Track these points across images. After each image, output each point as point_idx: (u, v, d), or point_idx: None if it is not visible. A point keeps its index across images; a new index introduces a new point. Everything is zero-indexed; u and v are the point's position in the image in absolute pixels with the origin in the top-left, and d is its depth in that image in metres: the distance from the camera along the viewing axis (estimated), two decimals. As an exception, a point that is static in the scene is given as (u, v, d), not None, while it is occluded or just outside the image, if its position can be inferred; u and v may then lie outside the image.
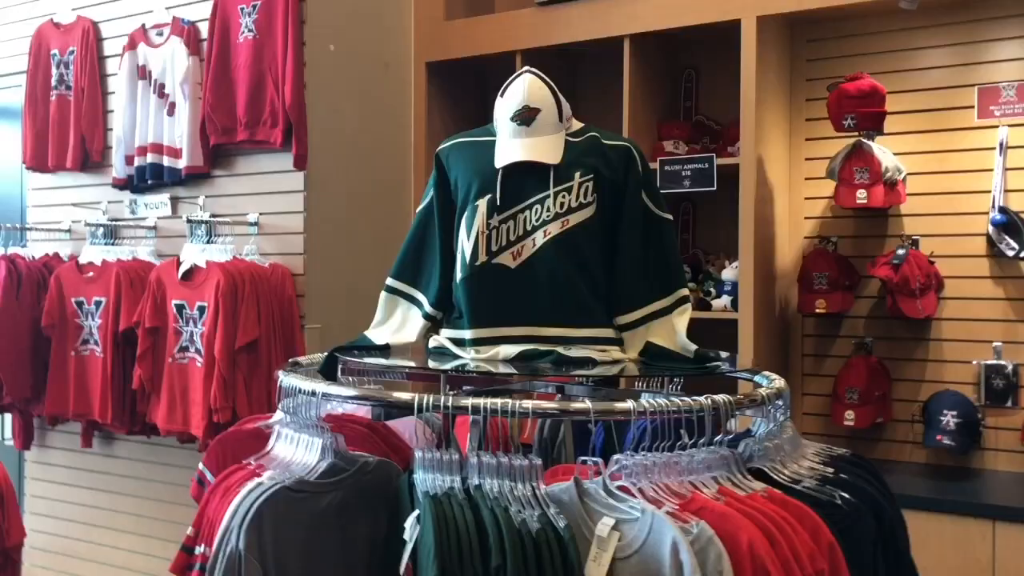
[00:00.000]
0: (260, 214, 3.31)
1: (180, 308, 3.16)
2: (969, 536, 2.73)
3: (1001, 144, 3.12)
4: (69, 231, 3.77)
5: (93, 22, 3.69)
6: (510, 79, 1.84)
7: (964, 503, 2.78)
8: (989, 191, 3.13)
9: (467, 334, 1.79)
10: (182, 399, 3.13)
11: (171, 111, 3.42)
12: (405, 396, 1.35)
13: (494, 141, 1.82)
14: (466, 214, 1.81)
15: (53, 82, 3.74)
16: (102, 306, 3.36)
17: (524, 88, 1.80)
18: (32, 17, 3.88)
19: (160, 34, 3.48)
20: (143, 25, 3.52)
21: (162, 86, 3.44)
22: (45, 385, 3.47)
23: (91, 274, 3.43)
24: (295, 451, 1.45)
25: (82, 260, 3.48)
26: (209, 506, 1.42)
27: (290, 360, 1.87)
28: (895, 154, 3.18)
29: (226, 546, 1.29)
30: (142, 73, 3.49)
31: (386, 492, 1.37)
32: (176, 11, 3.46)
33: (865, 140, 3.15)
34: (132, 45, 3.52)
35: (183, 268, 3.17)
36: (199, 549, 1.40)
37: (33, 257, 3.64)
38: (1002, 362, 3.11)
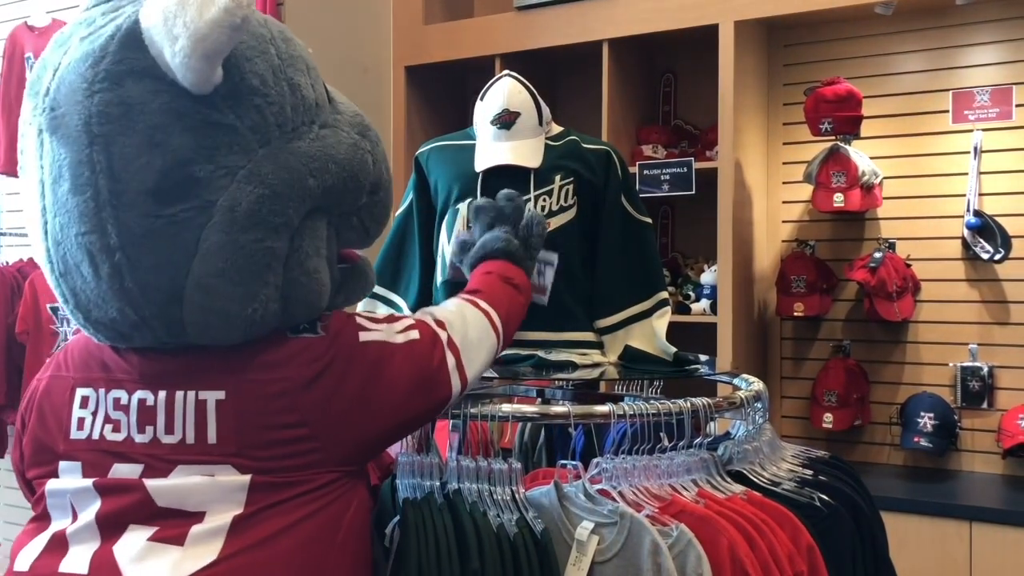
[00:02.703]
0: (238, 218, 3.28)
1: (157, 313, 3.13)
2: (946, 537, 2.75)
3: (975, 148, 3.15)
4: (44, 236, 3.72)
5: (68, 25, 3.66)
6: (490, 83, 1.85)
7: (941, 504, 2.80)
8: (964, 195, 3.16)
9: (446, 338, 1.78)
10: (159, 405, 3.09)
11: (148, 115, 3.38)
12: (384, 401, 1.35)
13: (474, 145, 1.82)
14: (447, 218, 1.81)
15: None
16: (78, 311, 3.32)
17: (504, 92, 1.80)
18: (6, 20, 3.84)
19: (136, 37, 3.44)
20: (119, 28, 3.49)
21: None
22: (20, 392, 3.43)
23: (66, 279, 3.39)
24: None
25: (57, 265, 3.44)
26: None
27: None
28: (871, 158, 3.21)
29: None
30: (118, 76, 3.46)
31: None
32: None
33: (842, 144, 3.17)
34: (108, 48, 3.49)
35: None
36: None
37: (7, 262, 3.60)
38: (978, 364, 3.14)
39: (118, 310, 1.09)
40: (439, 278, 1.81)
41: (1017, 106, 3.09)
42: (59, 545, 1.09)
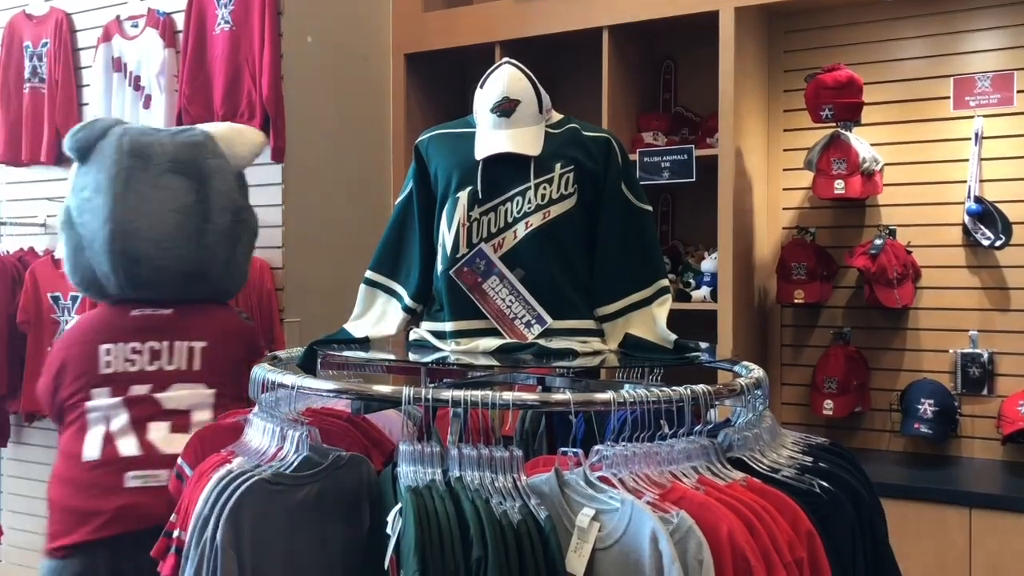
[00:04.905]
0: (238, 207, 3.28)
1: (158, 302, 3.14)
2: (946, 523, 2.76)
3: (976, 134, 3.14)
4: (44, 225, 3.72)
5: (67, 13, 3.64)
6: (490, 71, 1.84)
7: (941, 491, 2.81)
8: (965, 181, 3.16)
9: (447, 326, 1.79)
10: (161, 394, 3.10)
11: (147, 104, 3.38)
12: (385, 389, 1.35)
13: (474, 133, 1.82)
14: (447, 206, 1.80)
15: (26, 74, 3.69)
16: (79, 301, 3.33)
17: (504, 80, 1.79)
18: (4, 9, 3.83)
19: (135, 26, 3.44)
20: (118, 17, 3.48)
21: (137, 79, 3.40)
22: (21, 382, 3.43)
23: (67, 269, 3.41)
24: (270, 444, 1.44)
25: (57, 255, 3.44)
26: (188, 493, 1.43)
27: (269, 354, 1.86)
28: (872, 145, 3.20)
29: (202, 536, 1.28)
30: (117, 65, 3.45)
31: (358, 487, 1.36)
32: (151, 2, 3.42)
33: (842, 131, 3.16)
34: (107, 37, 3.48)
35: (161, 262, 3.16)
36: (175, 533, 1.41)
37: (7, 252, 3.60)
38: (978, 351, 3.14)
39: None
40: (440, 267, 1.81)
41: (1018, 92, 3.09)
42: (109, 441, 2.23)
